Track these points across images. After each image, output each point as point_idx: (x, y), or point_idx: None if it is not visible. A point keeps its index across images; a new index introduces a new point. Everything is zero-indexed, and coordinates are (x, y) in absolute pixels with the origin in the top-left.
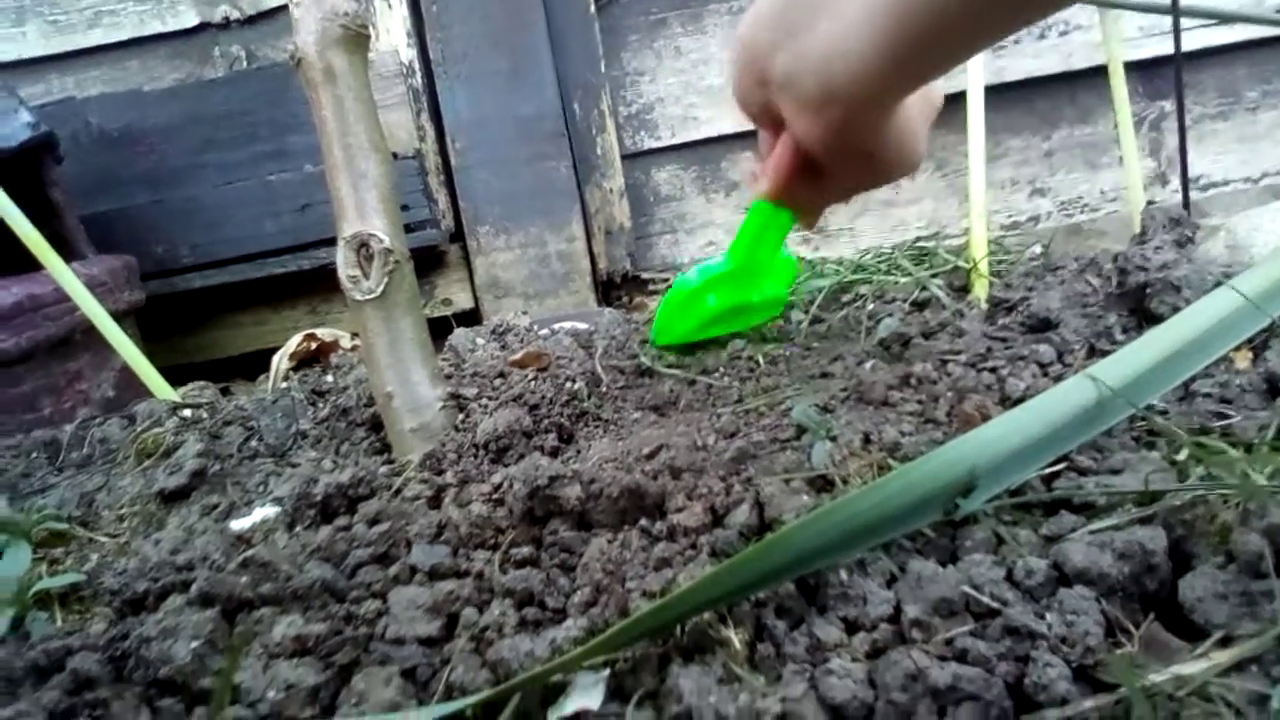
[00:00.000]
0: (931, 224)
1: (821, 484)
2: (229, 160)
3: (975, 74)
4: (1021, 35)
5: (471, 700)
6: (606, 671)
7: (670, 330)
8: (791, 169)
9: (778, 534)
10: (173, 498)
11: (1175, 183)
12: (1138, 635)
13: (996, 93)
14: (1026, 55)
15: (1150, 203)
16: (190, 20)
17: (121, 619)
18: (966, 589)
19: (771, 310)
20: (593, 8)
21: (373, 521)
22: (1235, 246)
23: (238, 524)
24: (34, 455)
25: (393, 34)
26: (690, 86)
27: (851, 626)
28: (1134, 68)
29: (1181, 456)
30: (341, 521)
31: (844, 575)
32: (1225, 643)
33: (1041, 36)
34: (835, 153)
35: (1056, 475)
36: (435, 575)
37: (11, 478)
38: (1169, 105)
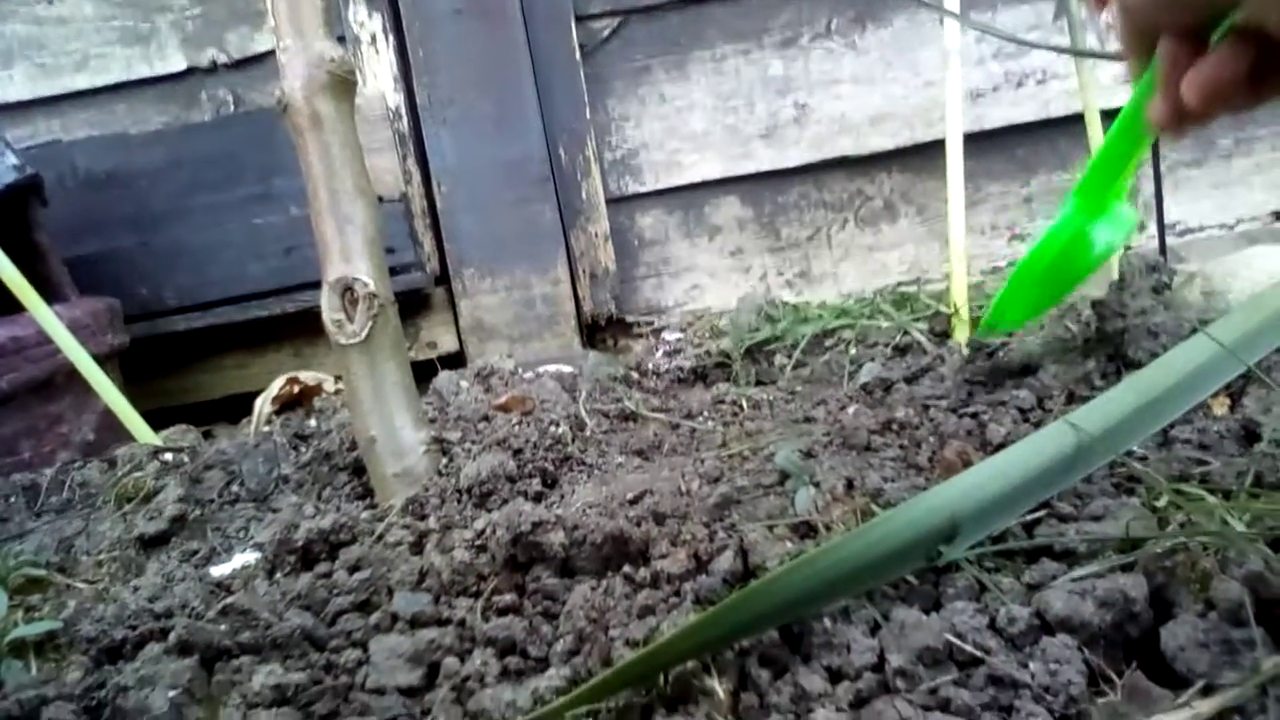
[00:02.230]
0: (913, 269)
1: (805, 530)
2: (215, 203)
3: (954, 122)
4: (1000, 84)
5: None
6: None
7: (1009, 309)
8: (1231, 74)
9: (761, 581)
10: (152, 543)
11: (1152, 228)
12: (1120, 684)
13: (976, 140)
14: (1005, 103)
15: (1128, 248)
16: (178, 64)
17: (98, 667)
18: (950, 637)
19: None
20: (578, 54)
21: (354, 568)
22: (1211, 292)
23: (217, 570)
24: (12, 499)
25: (379, 78)
26: (674, 132)
27: (835, 675)
28: (1110, 116)
29: (1161, 503)
30: (323, 568)
31: (828, 623)
32: (1207, 691)
33: (1019, 85)
34: None
35: (1038, 522)
36: (417, 623)
37: None
38: (1145, 153)
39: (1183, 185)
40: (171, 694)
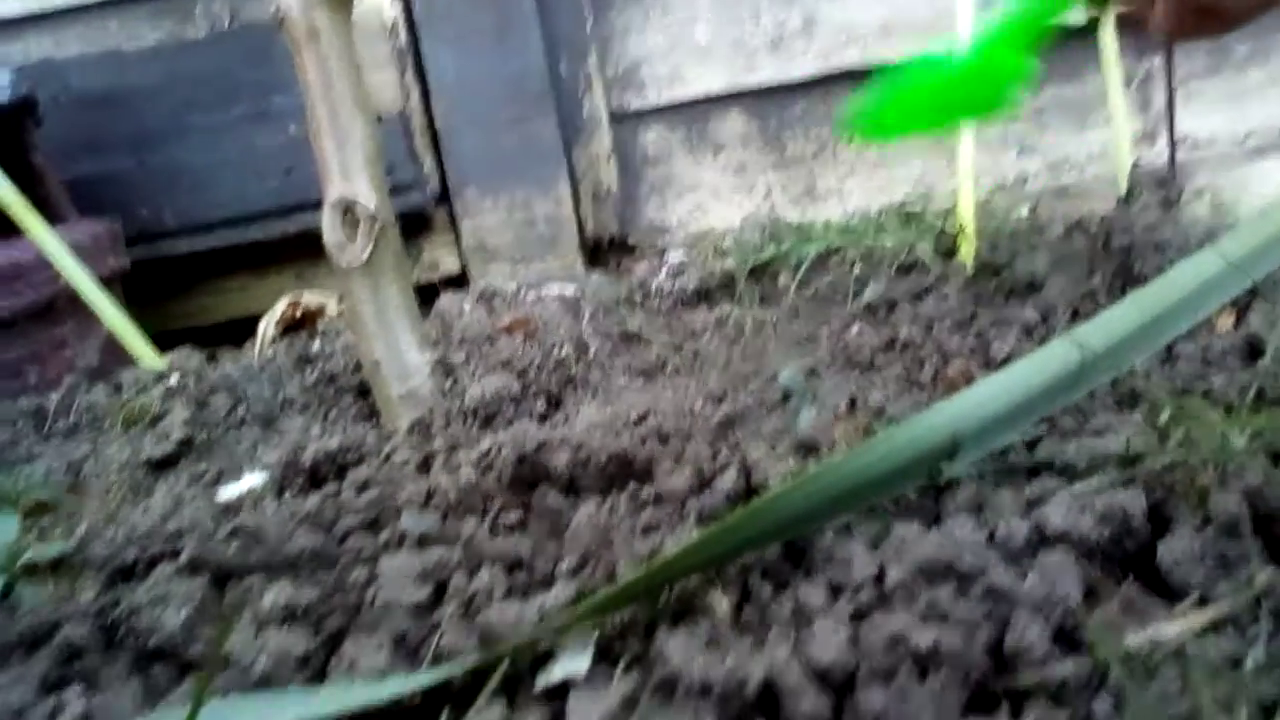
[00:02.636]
0: (919, 185)
1: (807, 448)
2: (212, 122)
3: (965, 29)
4: None
5: (460, 666)
6: (594, 636)
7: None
8: None
9: (764, 499)
10: (160, 466)
11: (1163, 141)
12: (1116, 597)
13: None
14: None
15: (1137, 163)
16: None
17: (111, 587)
18: (949, 552)
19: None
20: None
21: (361, 488)
22: (1220, 206)
23: (226, 492)
24: (19, 424)
25: None
26: (678, 44)
27: (836, 589)
28: (1123, 24)
29: (1163, 419)
30: (330, 488)
31: (829, 539)
32: (1202, 603)
33: None
34: None
35: (1039, 438)
36: (424, 542)
37: None
38: (1157, 62)
39: (1195, 97)
40: (184, 612)
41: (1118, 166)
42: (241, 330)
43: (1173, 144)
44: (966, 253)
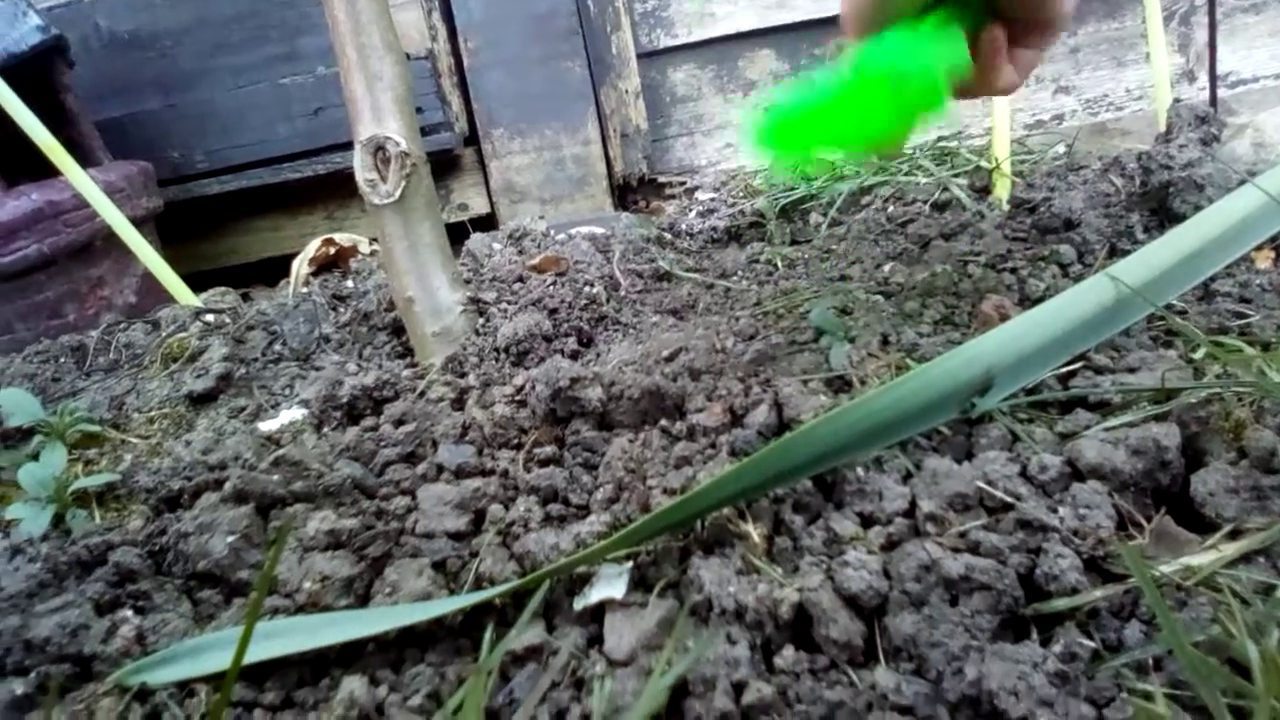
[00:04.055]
0: (953, 123)
1: (840, 385)
2: (240, 63)
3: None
4: None
5: (501, 589)
6: (629, 564)
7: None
8: None
9: (796, 432)
10: (201, 400)
11: (1203, 79)
12: (1149, 528)
13: None
14: None
15: (1177, 100)
16: None
17: (158, 516)
18: (981, 484)
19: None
20: None
21: (399, 422)
22: (1262, 144)
23: (266, 425)
24: (61, 360)
25: None
26: None
27: (867, 521)
28: None
29: (1199, 355)
30: (368, 422)
31: (860, 472)
32: (1234, 535)
33: None
34: None
35: (1073, 374)
36: (462, 474)
37: (42, 381)
38: None
39: (1238, 32)
40: (230, 539)
41: (1157, 103)
42: (273, 270)
43: (1213, 80)
44: (1002, 190)
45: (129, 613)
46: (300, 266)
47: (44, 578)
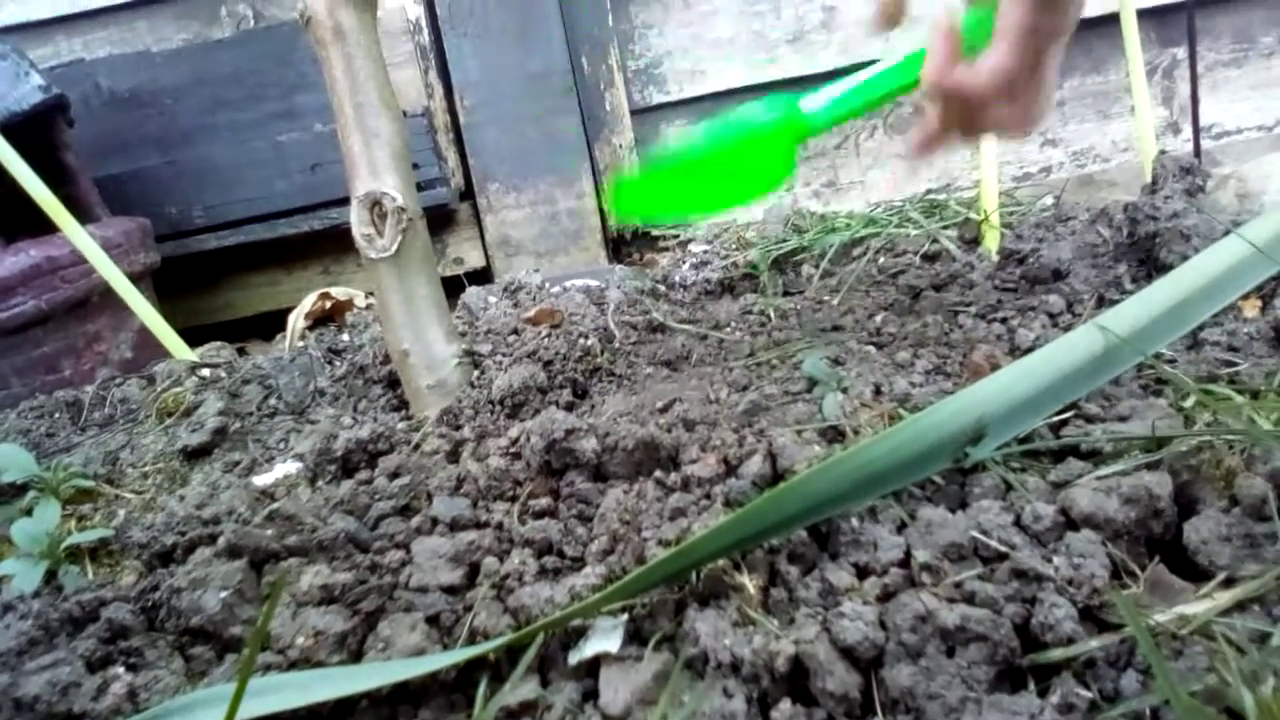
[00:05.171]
0: (943, 176)
1: (833, 434)
2: (239, 121)
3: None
4: None
5: (495, 644)
6: (625, 616)
7: (644, 197)
8: None
9: (790, 482)
10: (195, 455)
11: (1188, 131)
12: (1143, 577)
13: None
14: None
15: (1162, 152)
16: None
17: (151, 571)
18: (975, 534)
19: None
20: None
21: (393, 475)
22: (1246, 195)
23: (261, 479)
24: (57, 415)
25: None
26: (699, 39)
27: (863, 571)
28: (1146, 15)
29: (1189, 404)
30: (363, 475)
31: (855, 522)
32: (1228, 583)
33: None
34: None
35: (1065, 423)
36: (456, 526)
37: (36, 437)
38: (1182, 52)
39: (1220, 86)
40: (223, 594)
41: (1142, 155)
42: (270, 325)
43: (1197, 132)
44: (991, 241)
45: (120, 669)
46: (296, 320)
47: (35, 635)
